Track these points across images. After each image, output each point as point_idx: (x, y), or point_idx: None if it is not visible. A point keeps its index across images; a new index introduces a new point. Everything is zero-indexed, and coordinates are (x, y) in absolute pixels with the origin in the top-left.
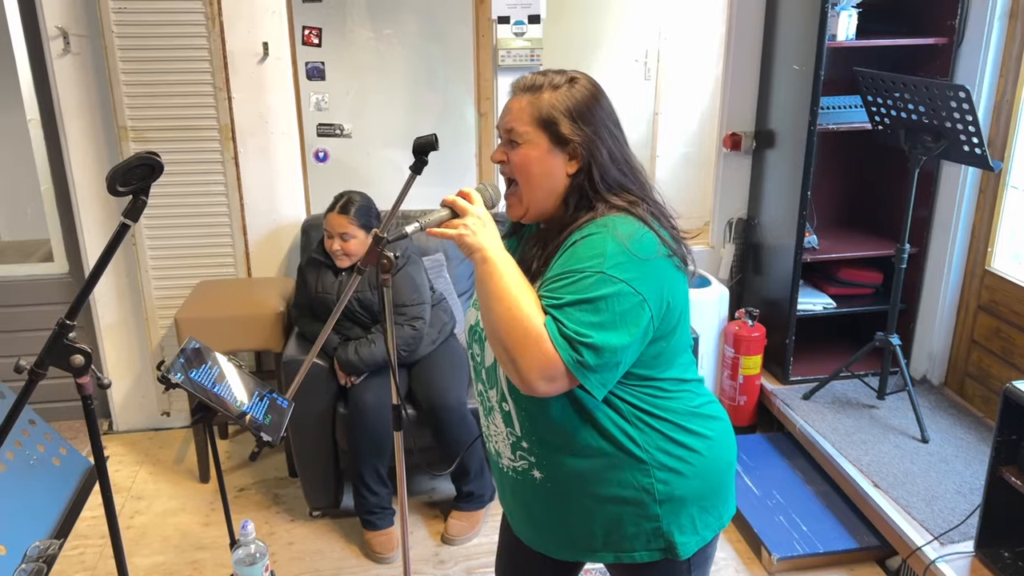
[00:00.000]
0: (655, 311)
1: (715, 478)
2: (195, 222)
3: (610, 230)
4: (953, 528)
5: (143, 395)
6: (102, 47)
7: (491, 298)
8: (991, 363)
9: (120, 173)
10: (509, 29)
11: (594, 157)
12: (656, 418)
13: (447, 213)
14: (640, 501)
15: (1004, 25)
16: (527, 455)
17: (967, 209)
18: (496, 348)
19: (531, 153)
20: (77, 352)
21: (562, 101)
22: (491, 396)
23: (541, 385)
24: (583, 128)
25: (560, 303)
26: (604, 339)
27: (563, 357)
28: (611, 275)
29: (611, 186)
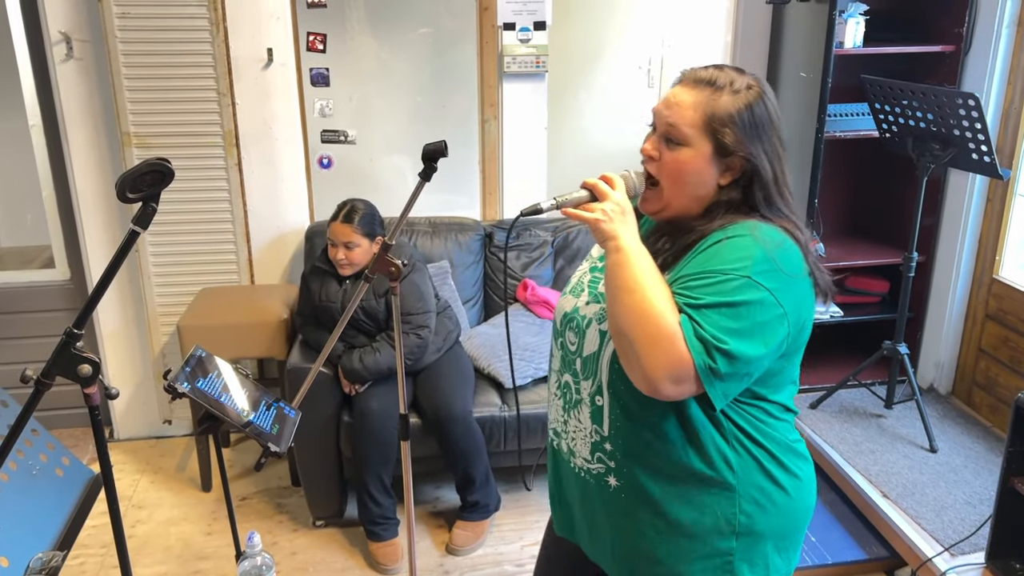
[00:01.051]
0: (792, 328)
1: (795, 520)
2: (198, 229)
3: (758, 235)
4: (964, 539)
5: (144, 403)
6: (105, 52)
7: (622, 290)
8: (999, 372)
9: (130, 180)
10: (515, 36)
11: (757, 175)
12: (756, 444)
13: (586, 195)
14: (718, 531)
15: (1012, 33)
16: (607, 459)
17: (975, 217)
18: (620, 342)
19: (690, 159)
20: (85, 362)
21: (739, 109)
22: (583, 388)
23: (666, 386)
24: (752, 143)
25: (699, 303)
26: (740, 347)
27: (695, 360)
28: (757, 281)
29: (772, 210)
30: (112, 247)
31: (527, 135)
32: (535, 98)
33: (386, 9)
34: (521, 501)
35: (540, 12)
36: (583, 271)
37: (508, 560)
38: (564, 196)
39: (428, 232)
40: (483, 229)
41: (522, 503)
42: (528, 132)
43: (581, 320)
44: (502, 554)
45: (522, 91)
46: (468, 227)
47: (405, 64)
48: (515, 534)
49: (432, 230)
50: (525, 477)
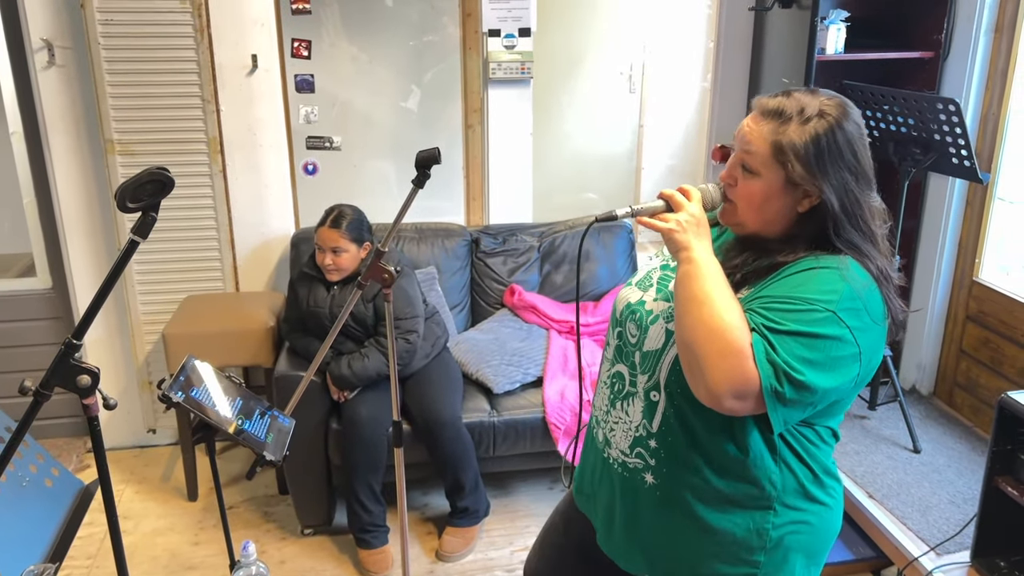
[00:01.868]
0: (863, 368)
1: (823, 541)
2: (182, 236)
3: (848, 271)
4: (949, 539)
5: (128, 412)
6: (88, 59)
7: (691, 301)
8: (980, 373)
9: (131, 189)
10: (500, 42)
11: (827, 205)
12: (801, 463)
13: (662, 205)
14: (748, 543)
15: (990, 39)
16: (648, 456)
17: (955, 221)
18: (686, 353)
19: (762, 189)
20: (84, 372)
21: (804, 141)
22: (639, 381)
23: (728, 400)
24: (819, 177)
25: (778, 328)
26: (810, 378)
27: (763, 381)
28: (840, 317)
29: (846, 241)
30: (95, 255)
31: (513, 141)
32: (520, 104)
33: (370, 15)
34: (510, 507)
35: (525, 19)
36: (653, 267)
37: (498, 566)
38: (640, 205)
39: (415, 238)
40: (469, 235)
41: (511, 508)
42: (514, 138)
43: (646, 315)
44: (492, 560)
45: (508, 97)
46: (454, 233)
47: (389, 70)
48: (505, 540)
49: (419, 236)
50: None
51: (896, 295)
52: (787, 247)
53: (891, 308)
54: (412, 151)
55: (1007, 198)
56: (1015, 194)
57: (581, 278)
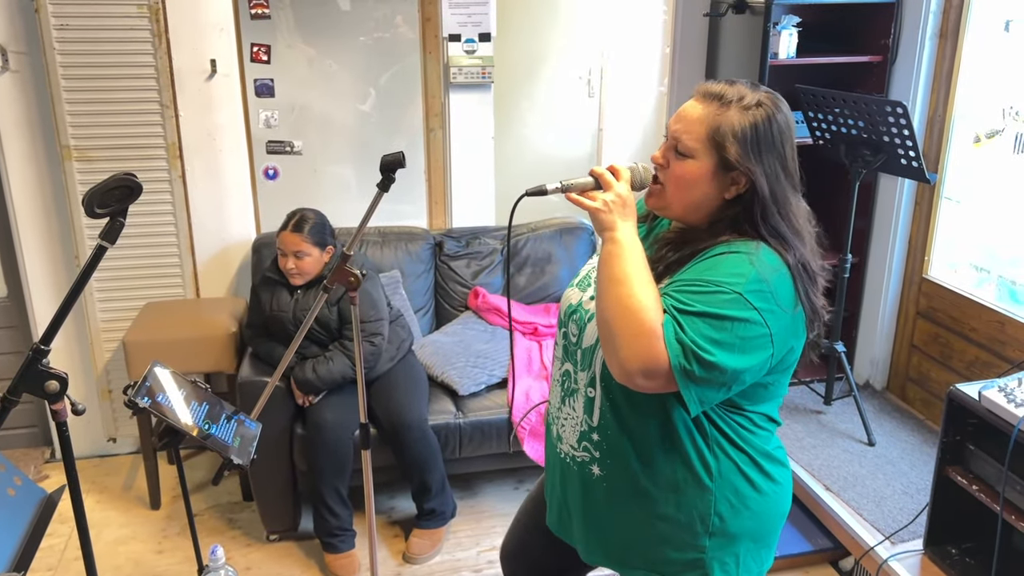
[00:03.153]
0: (777, 349)
1: (769, 524)
2: (141, 242)
3: (757, 256)
4: (903, 528)
5: (88, 421)
6: (43, 64)
7: (611, 280)
8: (930, 367)
9: (98, 195)
10: (460, 47)
11: (757, 191)
12: (737, 449)
13: (591, 182)
14: (692, 528)
15: (934, 44)
16: (592, 449)
17: (904, 220)
18: (603, 330)
19: (694, 170)
20: (52, 378)
21: (742, 125)
22: (579, 378)
23: (639, 378)
24: (753, 161)
25: (687, 310)
26: (719, 358)
27: (671, 360)
28: (747, 299)
29: (770, 228)
30: (51, 263)
31: (474, 145)
32: (481, 108)
33: (330, 20)
34: (477, 507)
35: (485, 24)
36: (592, 266)
37: (465, 566)
38: (570, 181)
39: (378, 242)
40: (433, 238)
41: (478, 509)
42: (475, 142)
43: (584, 314)
44: (459, 560)
45: (468, 101)
46: (418, 236)
47: (349, 75)
48: (471, 540)
49: (382, 240)
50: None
51: (819, 294)
52: (708, 234)
53: (807, 302)
54: (373, 155)
55: (954, 197)
56: (961, 194)
57: (543, 280)
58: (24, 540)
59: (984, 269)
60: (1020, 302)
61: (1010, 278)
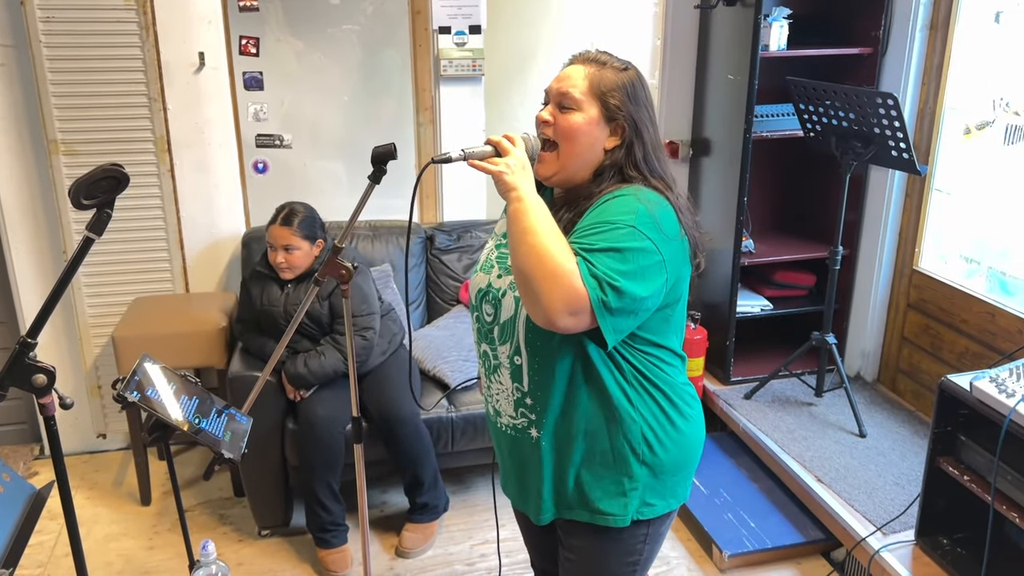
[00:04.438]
0: (670, 275)
1: (688, 454)
2: (130, 237)
3: (640, 196)
4: (894, 519)
5: (77, 417)
6: (30, 58)
7: (525, 231)
8: (921, 359)
9: (85, 186)
10: (450, 39)
11: (639, 136)
12: (652, 384)
13: (491, 150)
14: (625, 460)
15: (925, 36)
16: (528, 412)
17: (895, 212)
18: (523, 282)
19: (581, 121)
20: (40, 371)
21: (622, 80)
22: (501, 352)
23: (563, 318)
24: (632, 107)
25: (592, 248)
26: (628, 285)
27: (590, 294)
28: (640, 231)
29: (651, 168)
30: (39, 257)
31: (465, 137)
32: (472, 101)
33: (319, 13)
34: (469, 501)
35: (475, 16)
36: (489, 249)
37: (458, 560)
38: (471, 148)
39: (369, 236)
40: (424, 232)
41: (470, 503)
42: (466, 135)
43: (496, 292)
44: (452, 554)
45: (459, 94)
46: None
47: (339, 68)
48: (464, 534)
49: (373, 234)
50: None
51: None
52: (594, 185)
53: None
54: (363, 149)
55: (944, 189)
56: (952, 185)
57: None
58: (12, 537)
59: (975, 260)
60: (1011, 293)
61: (1000, 269)
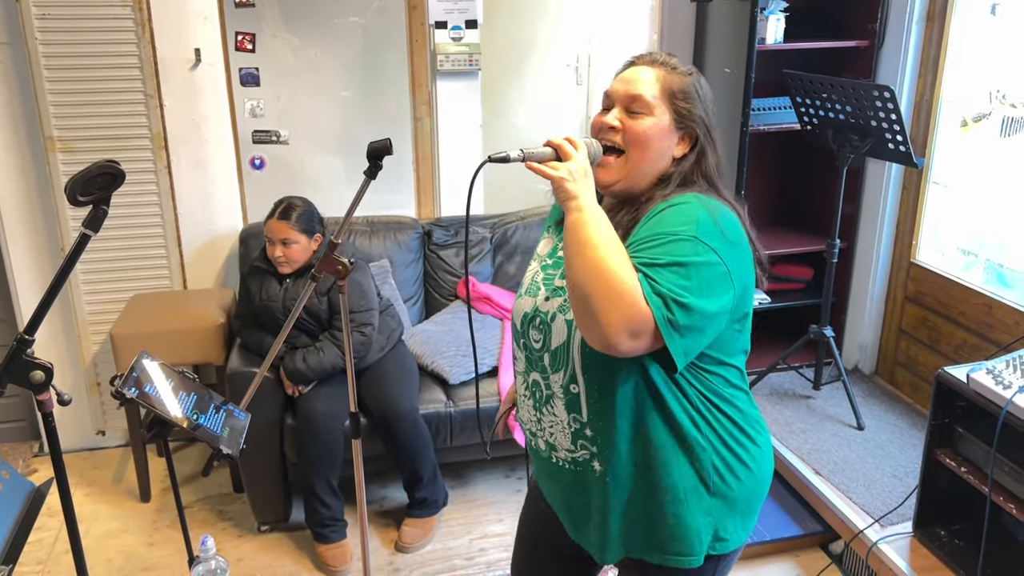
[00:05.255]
0: (736, 285)
1: (758, 487)
2: (127, 234)
3: (700, 201)
4: (892, 511)
5: (76, 414)
6: (25, 55)
7: (583, 244)
8: (919, 351)
9: (81, 182)
10: (447, 34)
11: (711, 145)
12: (718, 409)
13: (551, 153)
14: (696, 491)
15: (921, 28)
16: (589, 444)
17: (892, 205)
18: (579, 298)
19: (653, 125)
20: (38, 368)
21: (686, 85)
22: (554, 381)
23: (624, 340)
24: (703, 113)
25: (653, 263)
26: (695, 301)
27: (655, 313)
28: (703, 241)
29: (720, 175)
30: (36, 255)
31: (462, 133)
32: (469, 96)
33: (315, 9)
34: (468, 496)
35: (471, 11)
36: (534, 271)
37: (457, 555)
38: (531, 150)
39: (367, 232)
40: (421, 227)
41: (469, 498)
42: (463, 130)
43: (545, 316)
44: (451, 549)
45: (456, 89)
46: (406, 226)
47: (336, 63)
48: (463, 529)
49: (370, 229)
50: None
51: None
52: (654, 190)
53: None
54: (361, 144)
55: (941, 182)
56: (948, 178)
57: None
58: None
59: (972, 253)
60: (1008, 285)
61: (998, 261)
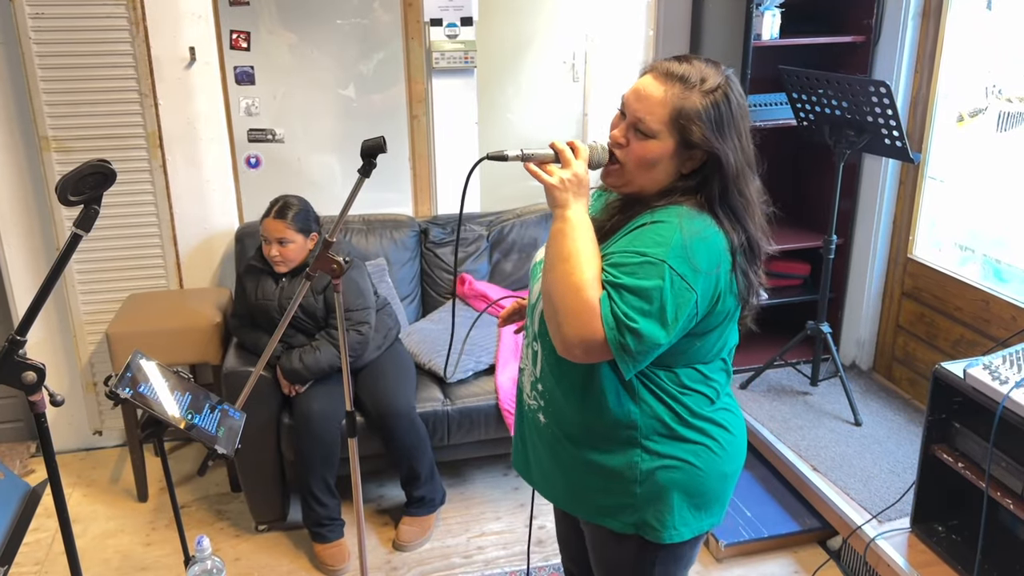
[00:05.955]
0: (700, 310)
1: (704, 482)
2: (123, 233)
3: (683, 222)
4: (890, 506)
5: (73, 414)
6: (19, 54)
7: (558, 257)
8: (916, 347)
9: (72, 182)
10: (442, 31)
11: (719, 171)
12: (663, 405)
13: (551, 155)
14: (622, 476)
15: (917, 24)
16: (539, 397)
17: (889, 200)
18: (547, 307)
19: (656, 151)
20: (29, 369)
21: (706, 107)
22: (530, 334)
23: (579, 352)
24: (716, 141)
25: (618, 283)
26: (649, 328)
27: (608, 336)
28: (671, 266)
29: (724, 207)
30: (32, 255)
31: (458, 130)
32: (465, 93)
33: (309, 6)
34: (466, 494)
35: (467, 8)
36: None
37: (455, 552)
38: (531, 151)
39: (363, 230)
40: (418, 225)
41: (467, 496)
42: (459, 127)
43: (536, 268)
44: (449, 547)
45: (452, 86)
46: (403, 224)
47: (331, 61)
48: (461, 527)
49: (367, 228)
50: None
51: (760, 272)
52: (656, 198)
53: (742, 279)
54: (357, 142)
55: (937, 177)
56: (945, 173)
57: (529, 266)
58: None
59: (969, 248)
60: (1005, 280)
61: (995, 257)
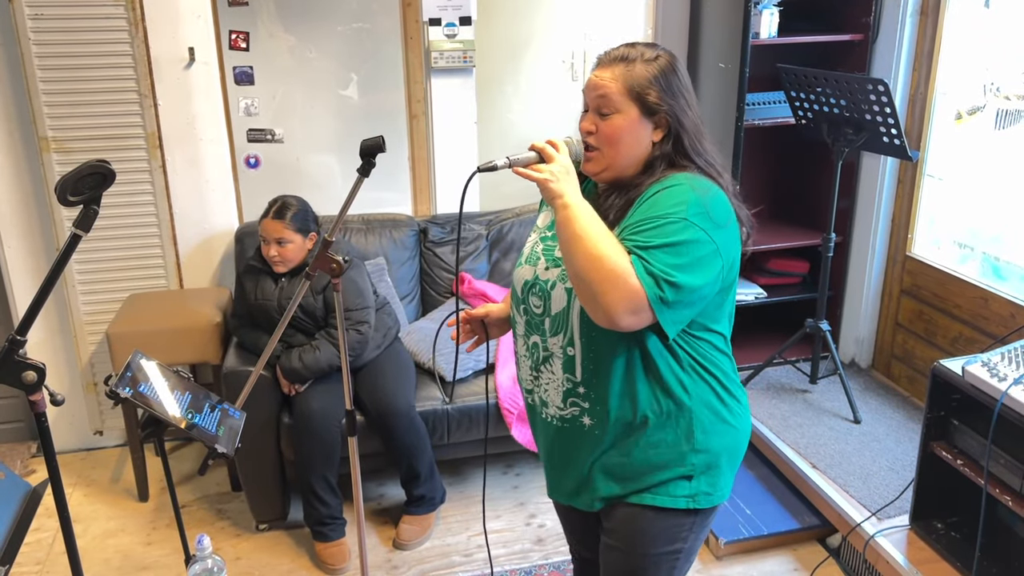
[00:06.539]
0: (724, 261)
1: (739, 442)
2: (123, 233)
3: (690, 183)
4: (889, 504)
5: (74, 414)
6: (18, 55)
7: (576, 238)
8: (915, 345)
9: (71, 182)
10: (440, 31)
11: (681, 125)
12: (706, 371)
13: (534, 156)
14: (679, 447)
15: (915, 22)
16: (581, 401)
17: (887, 198)
18: (580, 286)
19: (622, 123)
20: (30, 368)
21: (652, 72)
22: (552, 344)
23: (625, 318)
24: (670, 98)
25: (646, 246)
26: (685, 279)
27: (647, 292)
28: (693, 222)
29: (699, 155)
30: (32, 256)
31: (457, 130)
32: (464, 93)
33: (309, 6)
34: (466, 492)
35: (465, 7)
36: (533, 242)
37: (456, 551)
38: (516, 156)
39: (362, 229)
40: (417, 225)
41: (467, 494)
42: (458, 127)
43: (545, 284)
44: (449, 546)
45: (451, 86)
46: (402, 223)
47: (330, 61)
48: (461, 525)
49: (366, 227)
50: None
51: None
52: (644, 176)
53: (740, 213)
54: (356, 142)
55: (936, 175)
56: (943, 171)
57: None
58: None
59: (967, 246)
60: (1003, 278)
61: (993, 254)
